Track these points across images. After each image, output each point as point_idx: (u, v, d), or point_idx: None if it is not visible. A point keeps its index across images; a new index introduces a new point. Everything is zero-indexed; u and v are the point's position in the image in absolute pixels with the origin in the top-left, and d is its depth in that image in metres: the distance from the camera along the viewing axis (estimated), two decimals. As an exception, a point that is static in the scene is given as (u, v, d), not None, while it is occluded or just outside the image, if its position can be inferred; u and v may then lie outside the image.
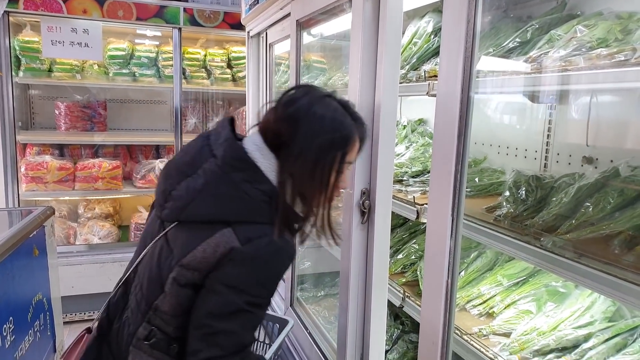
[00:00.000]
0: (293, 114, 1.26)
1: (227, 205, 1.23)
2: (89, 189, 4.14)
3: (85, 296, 4.01)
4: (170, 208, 1.29)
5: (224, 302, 1.20)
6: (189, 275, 1.23)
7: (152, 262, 1.31)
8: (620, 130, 1.67)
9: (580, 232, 1.29)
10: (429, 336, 1.16)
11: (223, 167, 1.24)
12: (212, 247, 1.20)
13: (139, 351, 1.30)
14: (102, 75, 4.25)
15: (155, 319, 1.28)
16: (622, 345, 1.37)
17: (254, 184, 1.24)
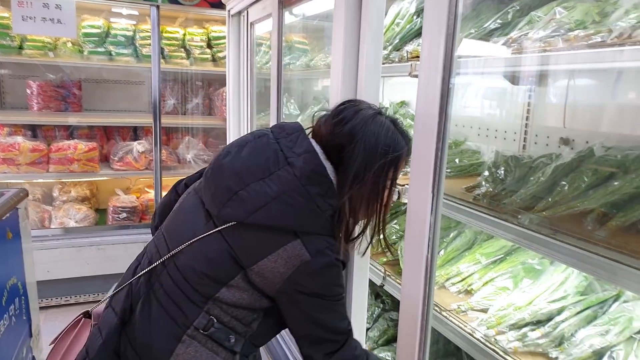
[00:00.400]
0: (350, 131, 1.31)
1: (299, 217, 1.25)
2: (64, 171, 4.06)
3: (61, 281, 3.96)
4: (234, 208, 1.27)
5: (312, 309, 1.28)
6: (259, 281, 1.28)
7: (204, 258, 1.31)
8: (596, 113, 1.72)
9: (556, 210, 1.33)
10: (409, 309, 1.20)
11: (301, 179, 1.26)
12: (283, 260, 1.24)
13: (194, 341, 1.29)
14: (77, 53, 4.14)
15: (215, 308, 1.29)
16: (593, 317, 1.43)
17: (325, 198, 1.27)
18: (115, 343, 1.33)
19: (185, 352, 1.27)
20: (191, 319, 1.28)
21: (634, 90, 1.57)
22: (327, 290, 1.28)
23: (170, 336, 1.28)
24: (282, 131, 1.38)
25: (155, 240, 1.47)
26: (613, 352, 1.30)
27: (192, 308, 1.29)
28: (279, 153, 1.30)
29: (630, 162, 1.36)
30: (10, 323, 2.43)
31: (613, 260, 1.07)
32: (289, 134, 1.36)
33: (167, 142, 4.71)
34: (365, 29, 1.52)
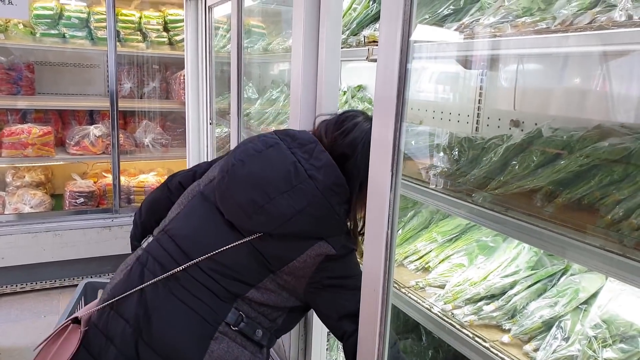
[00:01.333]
0: (351, 143, 1.44)
1: (323, 225, 1.36)
2: (18, 155, 3.95)
3: (16, 267, 3.88)
4: (261, 221, 1.33)
5: (343, 289, 1.39)
6: (289, 279, 1.37)
7: (237, 265, 1.36)
8: (544, 96, 1.80)
9: (508, 188, 1.39)
10: (371, 283, 1.25)
11: (324, 192, 1.34)
12: (311, 258, 1.35)
13: (225, 337, 1.33)
14: (28, 35, 4.02)
15: (243, 305, 1.36)
16: (543, 290, 1.51)
17: (342, 205, 1.38)
18: (132, 352, 1.31)
19: (218, 348, 1.32)
20: (222, 315, 1.33)
21: (579, 74, 1.65)
22: (351, 270, 1.41)
23: (202, 335, 1.32)
24: (294, 141, 1.43)
25: (160, 244, 1.45)
26: (561, 321, 1.36)
27: (222, 306, 1.34)
28: (298, 166, 1.36)
29: (574, 142, 1.42)
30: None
31: (559, 234, 1.13)
32: (302, 145, 1.42)
33: (125, 126, 4.64)
34: (325, 14, 1.54)
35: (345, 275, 1.40)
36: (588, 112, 1.62)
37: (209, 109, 3.39)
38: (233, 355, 1.33)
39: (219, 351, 1.31)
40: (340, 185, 1.37)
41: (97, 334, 1.37)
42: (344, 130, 1.46)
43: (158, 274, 1.37)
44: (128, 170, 4.64)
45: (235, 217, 1.38)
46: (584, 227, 1.12)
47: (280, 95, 3.04)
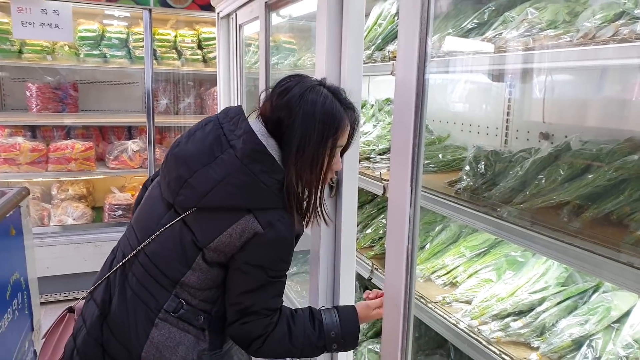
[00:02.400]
0: (287, 103, 1.37)
1: (247, 195, 1.33)
2: (62, 170, 4.13)
3: (60, 277, 4.04)
4: (186, 195, 1.35)
5: (252, 279, 1.36)
6: (215, 257, 1.36)
7: (172, 245, 1.38)
8: (574, 108, 1.76)
9: (533, 202, 1.37)
10: (392, 298, 1.25)
11: (243, 159, 1.33)
12: (237, 233, 1.32)
13: (165, 323, 1.37)
14: (73, 56, 4.22)
15: (182, 292, 1.38)
16: (573, 307, 1.46)
17: (270, 174, 1.34)
18: (98, 333, 1.40)
19: (159, 334, 1.36)
20: (162, 302, 1.37)
21: (611, 86, 1.61)
22: (272, 264, 1.38)
23: (145, 321, 1.36)
24: (226, 116, 1.44)
25: (126, 234, 1.54)
26: (592, 340, 1.32)
27: (162, 292, 1.37)
28: (222, 137, 1.37)
29: (604, 155, 1.39)
30: (14, 317, 2.48)
31: (586, 250, 1.10)
32: (231, 118, 1.42)
33: (161, 140, 4.77)
34: (347, 32, 1.57)
35: (263, 266, 1.36)
36: (621, 124, 1.57)
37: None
38: (174, 340, 1.37)
39: (159, 337, 1.36)
40: (259, 152, 1.34)
41: (79, 319, 1.48)
42: (282, 91, 1.41)
43: (119, 261, 1.46)
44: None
45: (169, 195, 1.41)
46: (612, 243, 1.09)
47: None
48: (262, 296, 1.38)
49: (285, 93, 1.39)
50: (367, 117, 2.59)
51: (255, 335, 1.40)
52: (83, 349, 1.41)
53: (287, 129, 1.37)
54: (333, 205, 1.79)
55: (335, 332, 1.47)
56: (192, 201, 1.35)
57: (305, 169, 1.37)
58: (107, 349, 1.39)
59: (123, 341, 1.38)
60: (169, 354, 1.36)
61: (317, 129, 1.35)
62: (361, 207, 2.48)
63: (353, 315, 1.54)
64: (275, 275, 1.39)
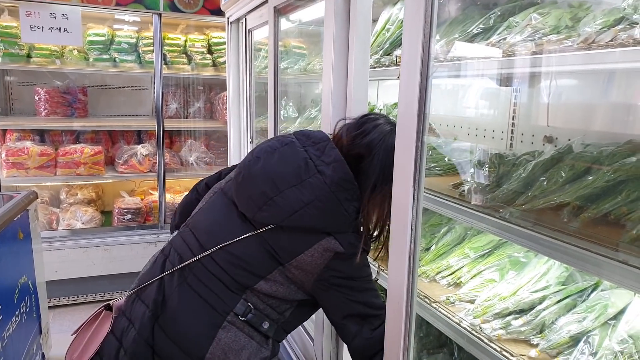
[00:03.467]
0: (369, 143, 1.47)
1: (330, 219, 1.40)
2: (71, 174, 4.17)
3: (69, 280, 4.07)
4: (271, 212, 1.40)
5: (351, 290, 1.44)
6: (297, 274, 1.42)
7: (247, 256, 1.43)
8: (577, 112, 1.79)
9: (535, 204, 1.40)
10: (395, 297, 1.28)
11: (331, 186, 1.39)
12: (319, 252, 1.39)
13: (232, 326, 1.41)
14: (82, 60, 4.26)
15: (252, 297, 1.43)
16: (572, 305, 1.49)
17: (351, 202, 1.42)
18: (149, 334, 1.42)
19: (226, 337, 1.39)
20: (231, 306, 1.40)
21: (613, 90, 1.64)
22: (359, 272, 1.46)
23: (211, 323, 1.39)
24: (308, 139, 1.50)
25: (182, 236, 1.56)
26: (589, 336, 1.36)
27: (231, 296, 1.41)
28: (309, 162, 1.43)
29: (604, 157, 1.42)
30: (22, 320, 2.52)
31: (584, 249, 1.13)
32: (315, 143, 1.49)
33: (170, 145, 4.81)
34: (354, 37, 1.61)
35: (353, 276, 1.44)
36: (622, 128, 1.60)
37: (249, 128, 3.49)
38: (240, 344, 1.40)
39: (226, 339, 1.39)
40: (348, 181, 1.41)
41: (122, 319, 1.49)
42: (363, 131, 1.49)
43: (176, 264, 1.48)
44: (173, 188, 4.80)
45: (248, 209, 1.45)
46: (610, 243, 1.12)
47: (319, 114, 3.10)
48: (365, 300, 1.45)
49: (364, 134, 1.48)
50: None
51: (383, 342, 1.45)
52: (133, 349, 1.42)
53: (365, 166, 1.45)
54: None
55: None
56: (276, 219, 1.40)
57: (377, 204, 1.46)
58: (157, 350, 1.41)
59: (181, 343, 1.40)
60: (233, 356, 1.39)
61: (388, 174, 1.40)
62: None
63: None
64: (366, 280, 1.47)
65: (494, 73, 1.84)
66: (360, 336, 1.45)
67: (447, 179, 1.92)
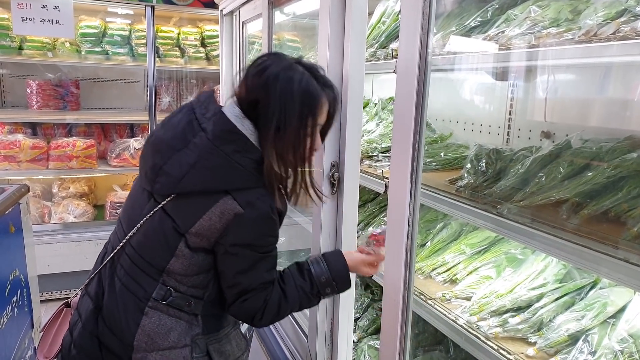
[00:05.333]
0: (264, 83, 1.34)
1: (223, 176, 1.32)
2: (63, 167, 4.13)
3: (61, 274, 4.04)
4: (162, 182, 1.36)
5: (244, 259, 1.36)
6: (198, 241, 1.35)
7: (153, 234, 1.39)
8: (576, 107, 1.77)
9: (533, 200, 1.38)
10: (391, 294, 1.26)
11: (215, 141, 1.32)
12: (217, 215, 1.32)
13: (156, 311, 1.39)
14: (74, 53, 4.21)
15: (170, 280, 1.39)
16: (570, 303, 1.48)
17: (244, 153, 1.33)
18: (93, 325, 1.43)
19: (150, 322, 1.38)
20: (150, 291, 1.38)
21: (611, 85, 1.62)
22: (260, 240, 1.37)
23: (135, 310, 1.38)
24: (198, 101, 1.44)
25: (116, 228, 1.56)
26: (588, 335, 1.34)
27: (149, 281, 1.39)
28: (194, 122, 1.37)
29: (603, 153, 1.40)
30: (13, 314, 2.49)
31: (584, 247, 1.12)
32: (202, 102, 1.42)
33: (164, 139, 4.76)
34: (349, 29, 1.58)
35: (251, 244, 1.36)
36: (621, 123, 1.59)
37: (243, 122, 3.46)
38: (166, 327, 1.38)
39: (150, 325, 1.38)
40: (230, 131, 1.34)
41: (75, 313, 1.52)
42: (256, 72, 1.38)
43: (109, 255, 1.48)
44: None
45: (147, 183, 1.42)
46: (609, 240, 1.10)
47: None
48: (257, 273, 1.38)
49: (261, 73, 1.36)
50: (370, 116, 2.60)
51: (256, 309, 1.41)
52: (79, 342, 1.44)
53: (263, 109, 1.35)
54: (335, 200, 1.80)
55: (325, 277, 1.47)
56: (168, 188, 1.36)
57: (286, 150, 1.35)
58: (102, 340, 1.42)
59: (116, 332, 1.40)
60: (161, 340, 1.38)
61: (296, 108, 1.33)
62: (363, 206, 2.49)
63: (340, 258, 1.53)
64: (266, 251, 1.39)
65: (491, 67, 1.82)
66: (234, 305, 1.41)
67: (443, 174, 1.90)
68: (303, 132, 1.36)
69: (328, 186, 1.75)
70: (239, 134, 1.34)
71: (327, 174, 1.74)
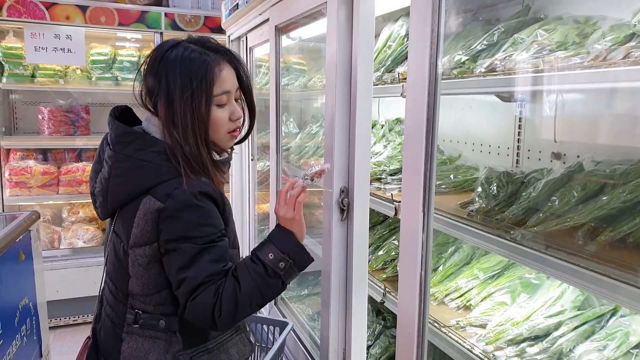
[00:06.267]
0: (150, 69, 1.35)
1: (135, 178, 1.32)
2: (73, 192, 4.16)
3: (70, 300, 4.03)
4: (100, 207, 1.41)
5: (183, 254, 1.29)
6: (142, 252, 1.32)
7: (113, 258, 1.42)
8: (585, 127, 1.75)
9: (547, 225, 1.35)
10: (406, 326, 1.23)
11: (115, 147, 1.34)
12: (142, 219, 1.30)
13: (132, 335, 1.39)
14: (85, 79, 4.26)
15: (135, 302, 1.39)
16: (590, 332, 1.43)
17: (146, 149, 1.32)
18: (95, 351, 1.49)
19: (128, 347, 1.38)
20: (121, 317, 1.39)
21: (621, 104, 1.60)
22: (194, 231, 1.29)
23: (115, 339, 1.40)
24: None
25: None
26: (611, 366, 1.31)
27: (120, 307, 1.40)
28: (103, 142, 1.44)
29: (617, 176, 1.38)
30: (22, 343, 2.47)
31: (602, 275, 1.08)
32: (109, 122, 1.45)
33: (173, 162, 4.77)
34: (357, 53, 1.57)
35: (185, 237, 1.28)
36: (633, 142, 1.56)
37: (251, 144, 3.46)
38: (143, 349, 1.37)
39: (128, 350, 1.38)
40: (125, 134, 1.33)
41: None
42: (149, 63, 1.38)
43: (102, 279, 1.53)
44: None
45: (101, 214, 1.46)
46: (629, 267, 1.07)
47: (320, 129, 3.07)
48: (200, 265, 1.29)
49: (150, 62, 1.36)
50: (378, 138, 2.59)
51: (209, 305, 1.29)
52: None
53: (156, 95, 1.33)
54: (345, 226, 1.77)
55: (273, 253, 1.35)
56: (103, 210, 1.40)
57: (185, 127, 1.30)
58: None
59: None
60: None
61: (179, 83, 1.29)
62: (372, 228, 2.47)
63: (282, 229, 1.41)
64: (206, 242, 1.30)
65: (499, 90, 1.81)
66: (186, 308, 1.32)
67: (453, 197, 1.88)
68: (198, 103, 1.31)
69: (338, 212, 1.73)
70: (134, 132, 1.34)
71: (336, 200, 1.72)
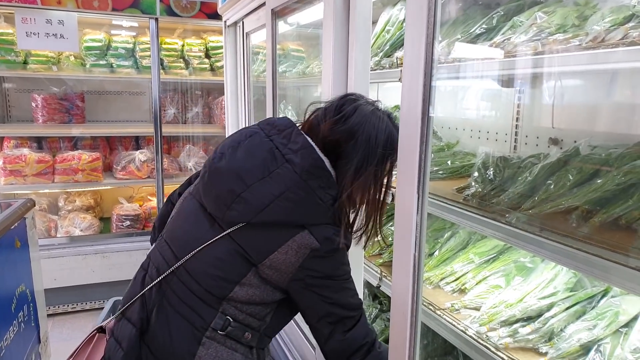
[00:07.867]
0: (349, 128, 1.38)
1: (305, 210, 1.31)
2: (69, 181, 4.14)
3: (67, 288, 4.04)
4: (239, 210, 1.31)
5: (327, 290, 1.36)
6: (271, 274, 1.34)
7: (217, 261, 1.35)
8: (583, 113, 1.75)
9: (542, 208, 1.36)
10: (400, 307, 1.24)
11: (302, 175, 1.30)
12: (293, 250, 1.31)
13: (213, 342, 1.34)
14: (79, 66, 4.23)
15: (229, 308, 1.35)
16: (582, 312, 1.45)
17: (327, 189, 1.34)
18: (137, 352, 1.37)
19: (206, 354, 1.33)
20: (208, 321, 1.34)
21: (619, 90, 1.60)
22: (336, 270, 1.37)
23: (191, 340, 1.33)
24: (273, 128, 1.41)
25: (158, 249, 1.50)
26: (600, 345, 1.32)
27: (208, 311, 1.34)
28: (276, 151, 1.34)
29: (613, 160, 1.38)
30: (20, 329, 2.48)
31: (595, 255, 1.09)
32: (280, 131, 1.40)
33: (169, 150, 4.78)
34: (354, 38, 1.57)
35: (331, 276, 1.36)
36: (630, 128, 1.57)
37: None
38: (222, 359, 1.34)
39: (206, 356, 1.33)
40: (319, 167, 1.33)
41: (111, 340, 1.44)
42: (343, 115, 1.40)
43: (154, 278, 1.42)
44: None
45: (216, 209, 1.37)
46: (621, 248, 1.08)
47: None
48: (345, 299, 1.39)
49: (345, 117, 1.39)
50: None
51: (358, 343, 1.40)
52: None
53: (345, 151, 1.37)
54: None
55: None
56: (246, 216, 1.31)
57: (362, 191, 1.39)
58: None
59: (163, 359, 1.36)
60: None
61: (378, 153, 1.37)
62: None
63: None
64: (344, 279, 1.40)
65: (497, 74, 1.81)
66: (333, 339, 1.38)
67: (451, 182, 1.88)
68: (381, 174, 1.41)
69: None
70: (326, 170, 1.34)
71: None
